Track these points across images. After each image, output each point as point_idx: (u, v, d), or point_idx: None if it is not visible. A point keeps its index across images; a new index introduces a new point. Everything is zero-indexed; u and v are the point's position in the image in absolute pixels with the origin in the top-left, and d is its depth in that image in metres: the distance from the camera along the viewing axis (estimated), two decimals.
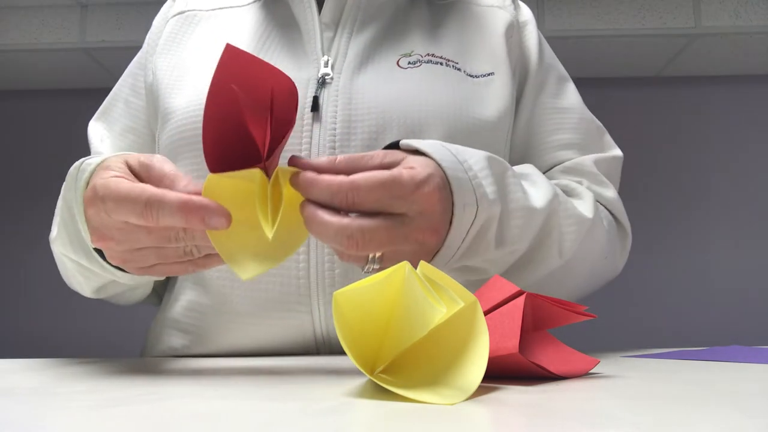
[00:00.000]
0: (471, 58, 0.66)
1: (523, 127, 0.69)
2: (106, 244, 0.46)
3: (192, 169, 0.62)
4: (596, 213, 0.60)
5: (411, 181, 0.42)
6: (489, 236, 0.49)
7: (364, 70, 0.63)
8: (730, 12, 1.91)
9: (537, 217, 0.53)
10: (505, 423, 0.25)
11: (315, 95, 0.61)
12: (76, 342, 2.09)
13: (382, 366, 0.35)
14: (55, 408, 0.30)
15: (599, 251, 0.62)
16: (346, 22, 0.65)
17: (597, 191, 0.66)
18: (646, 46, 2.00)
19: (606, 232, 0.63)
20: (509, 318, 0.37)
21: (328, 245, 0.43)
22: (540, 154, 0.69)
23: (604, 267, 0.65)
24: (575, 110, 0.71)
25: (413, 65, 0.64)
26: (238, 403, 0.30)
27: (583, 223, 0.58)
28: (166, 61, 0.69)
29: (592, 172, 0.66)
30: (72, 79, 2.04)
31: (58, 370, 0.48)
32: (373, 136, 0.60)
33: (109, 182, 0.44)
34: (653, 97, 2.23)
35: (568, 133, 0.69)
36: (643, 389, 0.33)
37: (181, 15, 0.73)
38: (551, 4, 1.94)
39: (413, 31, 0.67)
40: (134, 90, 0.73)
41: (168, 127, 0.65)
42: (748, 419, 0.24)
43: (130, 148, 0.71)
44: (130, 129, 0.72)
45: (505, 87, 0.66)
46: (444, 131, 0.60)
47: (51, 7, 1.92)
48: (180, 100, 0.65)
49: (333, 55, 0.64)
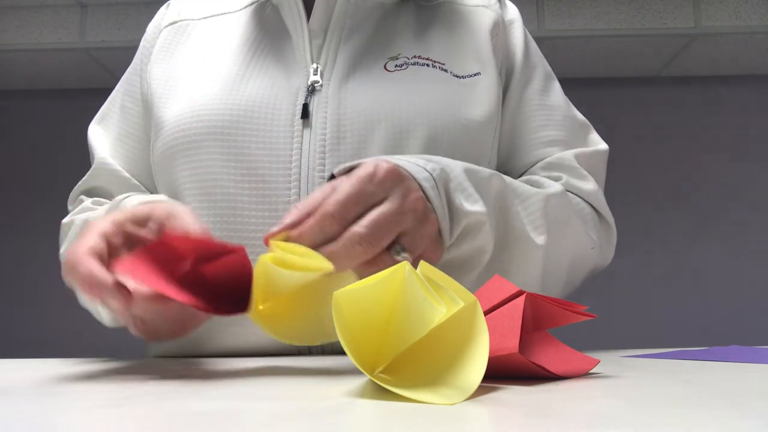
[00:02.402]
0: (457, 59, 0.66)
1: (508, 124, 0.69)
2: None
3: (187, 178, 0.63)
4: (559, 193, 0.62)
5: (369, 172, 0.45)
6: (458, 197, 0.51)
7: (352, 76, 0.64)
8: (730, 12, 1.90)
9: (492, 183, 0.55)
10: (505, 423, 0.25)
11: (305, 102, 0.62)
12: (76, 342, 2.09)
13: (382, 366, 0.35)
14: (55, 408, 0.30)
15: (580, 235, 0.63)
16: (334, 30, 0.66)
17: (576, 185, 0.66)
18: (646, 46, 2.00)
19: (583, 221, 0.64)
20: (509, 318, 0.37)
21: (361, 269, 0.44)
22: (525, 151, 0.69)
23: (593, 255, 0.66)
24: (560, 108, 0.71)
25: (400, 68, 0.65)
26: (238, 403, 0.30)
27: (538, 195, 0.59)
28: (159, 71, 0.70)
29: (573, 167, 0.67)
30: (72, 79, 2.05)
31: (58, 370, 0.48)
32: (362, 139, 0.61)
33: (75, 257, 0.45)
34: (653, 97, 2.23)
35: (553, 130, 0.69)
36: (643, 389, 0.33)
37: (173, 25, 0.73)
38: (551, 4, 1.94)
39: (400, 34, 0.67)
40: (131, 96, 0.73)
41: (161, 138, 0.66)
42: (748, 419, 0.24)
43: (130, 153, 0.72)
44: (129, 134, 0.72)
45: (492, 86, 0.66)
46: (430, 132, 0.61)
47: (51, 7, 1.92)
48: (172, 111, 0.65)
49: (322, 62, 0.65)
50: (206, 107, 0.63)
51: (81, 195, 0.72)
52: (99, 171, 0.71)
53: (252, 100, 0.63)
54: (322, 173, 0.60)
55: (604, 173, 0.71)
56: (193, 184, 0.63)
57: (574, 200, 0.65)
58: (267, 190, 0.60)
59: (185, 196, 0.64)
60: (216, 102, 0.63)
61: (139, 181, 0.71)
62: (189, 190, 0.63)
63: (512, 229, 0.58)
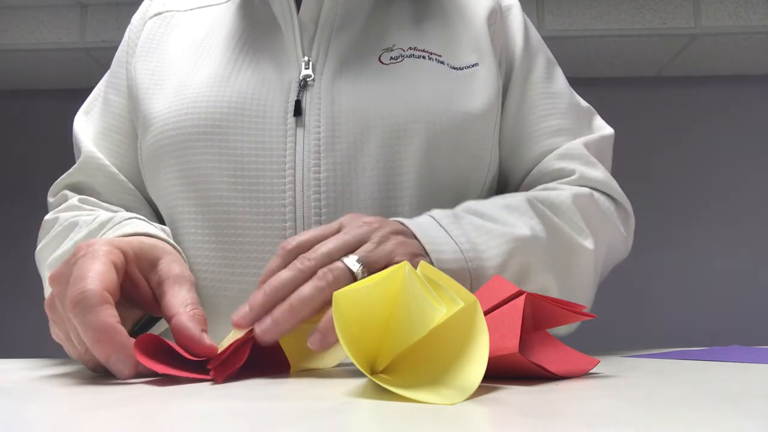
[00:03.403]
0: (454, 49, 0.65)
1: (512, 115, 0.67)
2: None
3: (177, 180, 0.61)
4: (585, 195, 0.62)
5: (327, 228, 0.47)
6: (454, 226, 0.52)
7: (345, 70, 0.62)
8: (730, 12, 1.90)
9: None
10: (505, 423, 0.25)
11: (297, 98, 0.60)
12: None
13: (382, 366, 0.35)
14: (55, 408, 0.30)
15: (614, 231, 0.63)
16: (325, 21, 0.63)
17: (588, 175, 0.64)
18: (646, 46, 2.00)
19: (610, 216, 0.64)
20: (509, 318, 0.37)
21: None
22: (532, 142, 0.67)
23: (623, 248, 0.67)
24: (564, 95, 0.69)
25: (395, 60, 0.62)
26: (238, 403, 0.30)
27: (567, 202, 0.60)
28: (145, 64, 0.68)
29: (582, 154, 0.65)
30: (72, 79, 2.04)
31: (58, 370, 0.48)
32: (358, 138, 0.59)
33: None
34: (653, 97, 2.23)
35: (558, 119, 0.67)
36: (643, 389, 0.33)
37: (158, 16, 0.71)
38: (551, 4, 1.94)
39: (395, 25, 0.65)
40: (115, 88, 0.70)
41: (149, 135, 0.63)
42: (748, 419, 0.24)
43: (117, 147, 0.68)
44: (114, 128, 0.69)
45: (491, 77, 0.64)
46: (428, 129, 0.59)
47: (51, 7, 1.92)
48: (160, 106, 0.63)
49: (314, 55, 0.62)
50: (195, 103, 0.61)
51: (64, 189, 0.68)
52: (86, 164, 0.67)
53: (242, 95, 0.60)
54: (318, 174, 0.58)
55: (611, 157, 0.70)
56: (183, 186, 0.61)
57: (598, 198, 0.64)
58: (261, 193, 0.59)
59: (176, 199, 0.62)
60: (205, 98, 0.61)
61: (126, 176, 0.68)
62: (180, 192, 0.61)
63: (562, 242, 0.57)
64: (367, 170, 0.59)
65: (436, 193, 0.60)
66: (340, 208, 0.58)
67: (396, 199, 0.59)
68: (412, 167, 0.59)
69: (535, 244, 0.54)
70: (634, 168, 2.10)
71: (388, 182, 0.59)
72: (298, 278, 0.43)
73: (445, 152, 0.60)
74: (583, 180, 0.64)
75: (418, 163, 0.59)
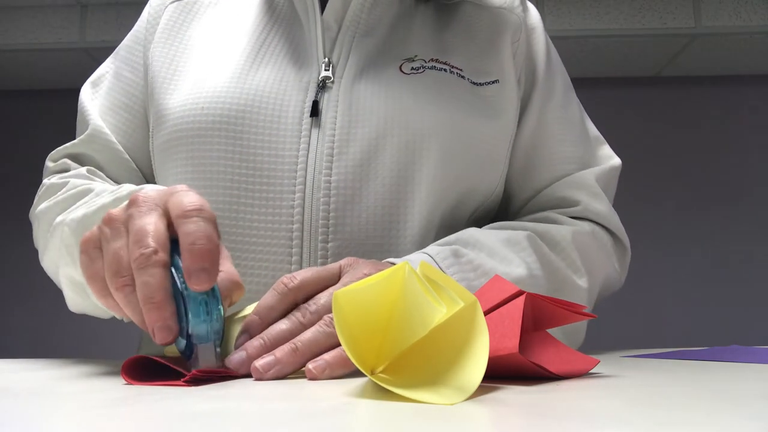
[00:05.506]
0: (475, 64, 0.64)
1: (528, 135, 0.67)
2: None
3: (188, 173, 0.61)
4: (586, 232, 0.62)
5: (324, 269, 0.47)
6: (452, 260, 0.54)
7: (366, 75, 0.61)
8: (730, 12, 1.90)
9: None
10: (505, 423, 0.25)
11: (315, 99, 0.59)
12: (76, 342, 2.09)
13: (382, 366, 0.35)
14: (55, 408, 0.30)
15: (608, 269, 0.64)
16: (350, 23, 0.63)
17: (592, 209, 0.64)
18: (646, 46, 2.00)
19: (608, 254, 0.64)
20: (509, 318, 0.37)
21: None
22: (543, 167, 0.67)
23: (616, 284, 0.67)
24: (577, 122, 0.69)
25: (416, 71, 0.62)
26: (238, 403, 0.30)
27: (566, 239, 0.60)
28: (163, 53, 0.66)
29: (591, 185, 0.65)
30: (72, 79, 2.05)
31: (58, 370, 0.48)
32: (372, 145, 0.58)
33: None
34: (653, 97, 2.23)
35: (571, 146, 0.67)
36: (643, 389, 0.33)
37: (179, 2, 0.69)
38: (551, 4, 1.95)
39: (418, 34, 0.65)
40: (130, 65, 0.69)
41: (163, 127, 0.63)
42: (748, 420, 0.24)
43: (123, 124, 0.67)
44: (123, 105, 0.68)
45: (510, 94, 0.64)
46: (443, 143, 0.59)
47: (51, 7, 1.92)
48: (176, 99, 0.63)
49: (335, 57, 0.62)
50: (212, 98, 0.60)
51: (65, 158, 0.67)
52: (93, 138, 0.66)
53: (260, 92, 0.60)
54: (329, 178, 0.58)
55: (615, 187, 0.70)
56: (193, 179, 0.60)
57: (598, 234, 0.64)
58: (271, 192, 0.58)
59: None
60: (222, 93, 0.60)
61: (130, 155, 0.67)
62: (189, 183, 0.59)
63: (557, 280, 0.58)
64: (379, 177, 0.59)
65: (443, 203, 0.60)
66: (349, 213, 0.58)
67: (405, 209, 0.59)
68: (425, 178, 0.59)
69: (532, 284, 0.55)
70: (634, 168, 2.10)
71: (399, 191, 0.59)
72: (298, 330, 0.42)
73: (459, 166, 0.60)
74: (586, 212, 0.64)
75: (431, 175, 0.59)
